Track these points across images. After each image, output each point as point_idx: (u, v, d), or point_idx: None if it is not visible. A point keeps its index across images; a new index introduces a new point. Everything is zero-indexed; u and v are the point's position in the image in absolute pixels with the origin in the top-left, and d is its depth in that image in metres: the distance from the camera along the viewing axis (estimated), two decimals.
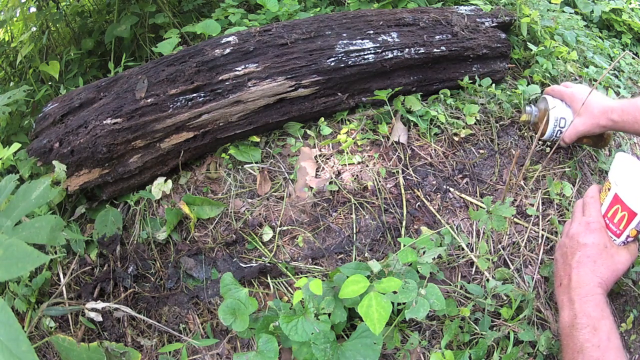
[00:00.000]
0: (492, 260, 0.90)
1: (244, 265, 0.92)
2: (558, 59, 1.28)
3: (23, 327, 0.77)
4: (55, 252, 0.94)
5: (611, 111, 0.92)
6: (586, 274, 0.70)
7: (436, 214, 0.95)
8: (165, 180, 0.99)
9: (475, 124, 1.07)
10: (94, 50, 1.49)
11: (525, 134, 1.10)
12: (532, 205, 0.98)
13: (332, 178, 0.97)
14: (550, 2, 1.46)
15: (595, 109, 0.94)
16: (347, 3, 1.39)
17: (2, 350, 0.47)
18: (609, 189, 0.75)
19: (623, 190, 0.72)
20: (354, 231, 0.93)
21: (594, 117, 0.94)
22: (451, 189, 0.99)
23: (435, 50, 1.08)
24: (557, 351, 0.81)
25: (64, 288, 0.91)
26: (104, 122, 0.90)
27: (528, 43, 1.27)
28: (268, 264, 0.90)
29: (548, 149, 1.09)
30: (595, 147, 1.10)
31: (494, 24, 1.22)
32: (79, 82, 1.26)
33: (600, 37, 1.67)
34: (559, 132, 1.01)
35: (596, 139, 1.03)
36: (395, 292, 0.73)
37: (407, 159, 1.02)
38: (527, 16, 1.26)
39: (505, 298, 0.86)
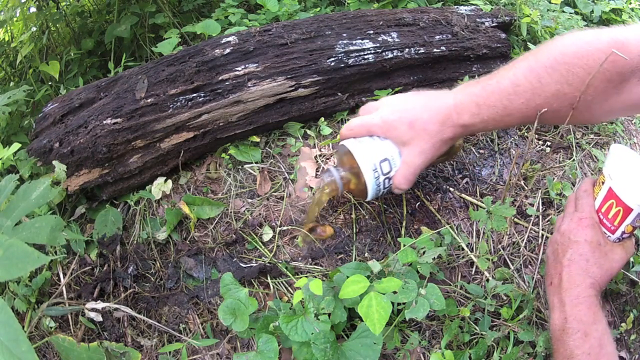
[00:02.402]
0: (492, 260, 0.90)
1: (244, 265, 0.92)
2: None
3: (23, 327, 0.77)
4: (55, 252, 0.94)
5: (457, 114, 0.64)
6: (578, 273, 0.67)
7: (436, 214, 0.95)
8: (165, 180, 0.99)
9: None
10: (94, 50, 1.49)
11: (526, 133, 1.10)
12: (532, 205, 0.98)
13: None
14: (550, 2, 1.46)
15: (429, 123, 0.64)
16: (347, 3, 1.39)
17: (2, 350, 0.47)
18: (603, 183, 0.71)
19: (618, 185, 0.68)
20: (354, 231, 0.93)
21: (433, 134, 0.64)
22: (451, 189, 0.99)
23: (435, 50, 1.08)
24: None
25: (64, 288, 0.91)
26: (104, 122, 0.90)
27: (528, 43, 1.27)
28: (268, 264, 0.90)
29: (548, 149, 1.09)
30: (443, 161, 0.85)
31: (494, 24, 1.22)
32: (79, 82, 1.26)
33: None
34: (387, 180, 0.69)
35: (443, 155, 0.74)
36: (395, 292, 0.73)
37: None
38: (527, 16, 1.26)
39: (505, 298, 0.86)
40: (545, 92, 0.60)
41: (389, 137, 0.68)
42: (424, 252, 0.81)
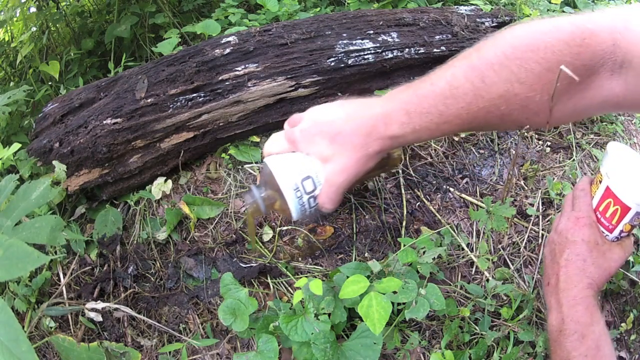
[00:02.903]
0: (492, 260, 0.90)
1: (244, 265, 0.92)
2: None
3: (23, 327, 0.77)
4: (55, 252, 0.94)
5: (385, 124, 0.55)
6: (575, 274, 0.65)
7: (436, 214, 0.95)
8: (165, 180, 0.99)
9: None
10: (94, 50, 1.49)
11: (526, 134, 1.10)
12: (532, 205, 0.98)
13: None
14: (550, 2, 1.46)
15: (352, 136, 0.56)
16: (347, 3, 1.39)
17: (2, 350, 0.47)
18: (600, 182, 0.70)
19: (615, 183, 0.66)
20: (354, 231, 0.93)
21: (356, 149, 0.56)
22: (451, 189, 0.99)
23: (435, 50, 1.08)
24: None
25: (64, 288, 0.91)
26: (104, 122, 0.90)
27: None
28: (268, 264, 0.90)
29: (548, 149, 1.09)
30: (379, 174, 0.77)
31: (494, 24, 1.22)
32: (79, 82, 1.26)
33: None
34: (312, 199, 0.62)
35: (377, 168, 0.64)
36: (395, 292, 0.73)
37: (407, 159, 1.02)
38: (527, 16, 1.26)
39: (505, 298, 0.86)
40: (491, 94, 0.51)
41: (311, 152, 0.60)
42: (424, 252, 0.81)
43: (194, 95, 0.93)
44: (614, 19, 0.49)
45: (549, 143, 1.09)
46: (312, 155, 0.60)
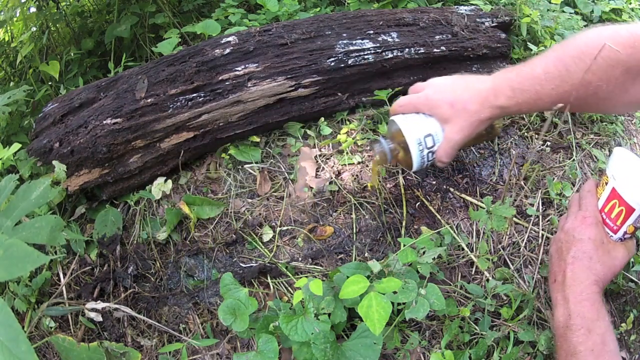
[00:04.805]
0: (492, 260, 0.90)
1: (244, 265, 0.92)
2: None
3: (23, 327, 0.77)
4: (55, 252, 0.94)
5: (494, 96, 0.70)
6: (582, 271, 0.68)
7: (436, 214, 0.95)
8: (165, 180, 0.99)
9: None
10: (94, 50, 1.49)
11: (526, 133, 1.10)
12: (532, 205, 0.98)
13: (332, 178, 0.97)
14: (550, 2, 1.46)
15: (468, 103, 0.71)
16: (347, 3, 1.39)
17: (2, 350, 0.47)
18: (606, 183, 0.73)
19: (621, 185, 0.70)
20: (354, 231, 0.93)
21: (471, 114, 0.71)
22: (451, 189, 0.98)
23: (435, 50, 1.08)
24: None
25: (64, 288, 0.91)
26: (104, 122, 0.90)
27: (528, 43, 1.27)
28: (268, 264, 0.90)
29: (548, 149, 1.09)
30: (485, 140, 0.93)
31: (494, 24, 1.22)
32: (79, 82, 1.26)
33: None
34: (430, 154, 0.76)
35: (483, 134, 0.79)
36: (395, 292, 0.73)
37: None
38: (527, 16, 1.26)
39: (505, 298, 0.86)
40: (572, 79, 0.65)
41: (433, 114, 0.74)
42: (424, 252, 0.81)
43: (194, 95, 0.93)
44: None
45: (549, 143, 1.09)
46: (433, 117, 0.74)
